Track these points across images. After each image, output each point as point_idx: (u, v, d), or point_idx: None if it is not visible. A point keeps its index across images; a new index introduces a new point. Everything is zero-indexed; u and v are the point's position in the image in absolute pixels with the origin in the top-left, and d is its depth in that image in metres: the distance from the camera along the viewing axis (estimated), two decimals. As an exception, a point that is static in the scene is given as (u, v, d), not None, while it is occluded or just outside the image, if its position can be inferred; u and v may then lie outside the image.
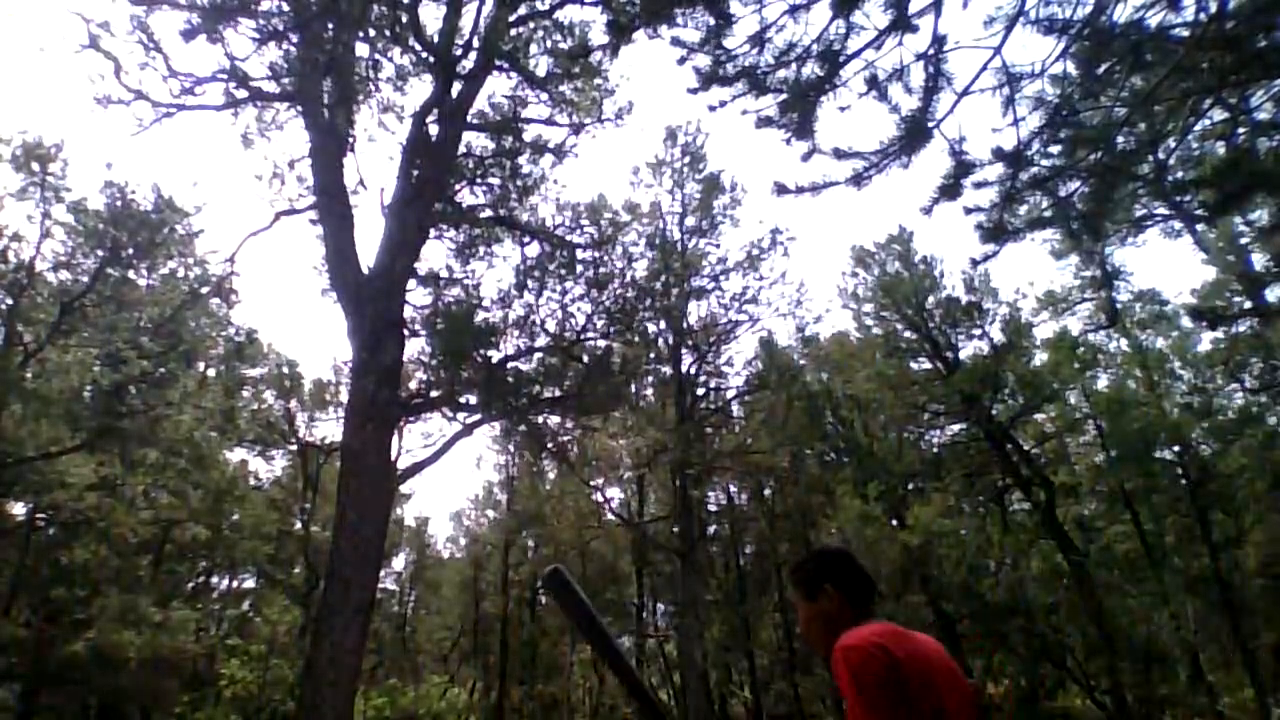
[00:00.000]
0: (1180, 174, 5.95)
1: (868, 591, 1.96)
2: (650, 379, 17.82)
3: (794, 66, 4.66)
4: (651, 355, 16.97)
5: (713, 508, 22.81)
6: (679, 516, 18.43)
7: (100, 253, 16.24)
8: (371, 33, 10.79)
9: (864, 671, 1.69)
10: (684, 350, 19.20)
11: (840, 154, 4.70)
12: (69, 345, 15.43)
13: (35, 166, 14.84)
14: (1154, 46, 4.41)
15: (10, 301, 14.75)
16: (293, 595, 22.31)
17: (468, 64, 11.40)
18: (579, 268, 13.20)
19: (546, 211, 13.69)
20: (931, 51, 4.35)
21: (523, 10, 11.61)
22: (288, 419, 23.38)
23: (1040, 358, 18.48)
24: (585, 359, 13.10)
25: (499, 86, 23.16)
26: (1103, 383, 19.41)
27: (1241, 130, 5.50)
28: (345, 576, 8.44)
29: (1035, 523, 17.11)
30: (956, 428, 19.20)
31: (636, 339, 14.21)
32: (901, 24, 4.27)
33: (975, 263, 5.25)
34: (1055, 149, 4.99)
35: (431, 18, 11.61)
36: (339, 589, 8.41)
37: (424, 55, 11.34)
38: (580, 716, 26.16)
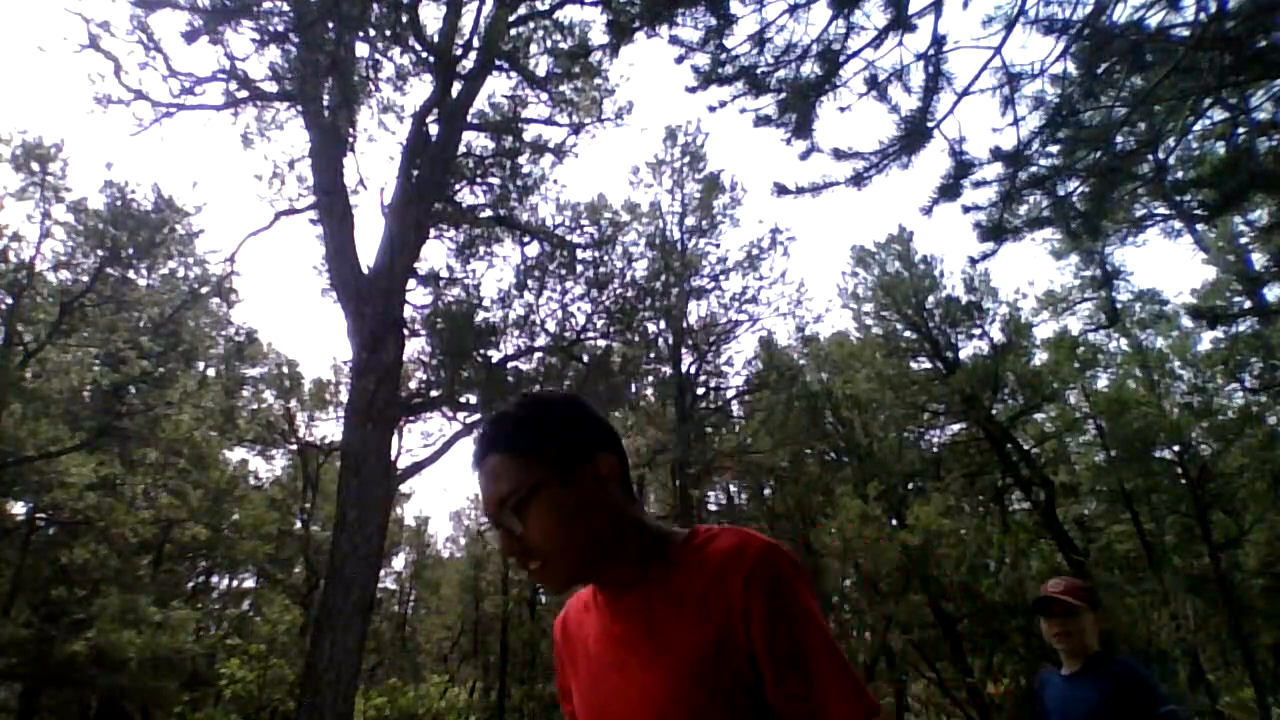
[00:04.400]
0: (1180, 174, 5.96)
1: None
2: (650, 379, 17.81)
3: (793, 66, 4.66)
4: (651, 355, 16.96)
5: (713, 507, 22.76)
6: (679, 516, 18.41)
7: (100, 253, 16.23)
8: (372, 33, 10.79)
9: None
10: (684, 350, 19.18)
11: (840, 154, 4.70)
12: (69, 345, 15.42)
13: (35, 166, 14.82)
14: (1154, 46, 4.41)
15: (10, 301, 14.74)
16: (293, 595, 22.29)
17: (468, 64, 11.41)
18: (579, 268, 13.22)
19: (546, 211, 13.73)
20: (931, 51, 4.35)
21: (523, 10, 11.62)
22: (288, 419, 23.35)
23: (1040, 358, 18.52)
24: (585, 359, 13.11)
25: (499, 86, 23.16)
26: (1103, 383, 19.46)
27: (1241, 130, 5.50)
28: (345, 576, 8.44)
29: (1035, 523, 17.12)
30: (956, 428, 19.20)
31: (636, 339, 14.22)
32: (901, 23, 4.27)
33: (974, 261, 5.25)
34: (1055, 149, 4.99)
35: (431, 18, 11.62)
36: (339, 589, 8.41)
37: (424, 55, 11.34)
38: (580, 716, 26.12)
